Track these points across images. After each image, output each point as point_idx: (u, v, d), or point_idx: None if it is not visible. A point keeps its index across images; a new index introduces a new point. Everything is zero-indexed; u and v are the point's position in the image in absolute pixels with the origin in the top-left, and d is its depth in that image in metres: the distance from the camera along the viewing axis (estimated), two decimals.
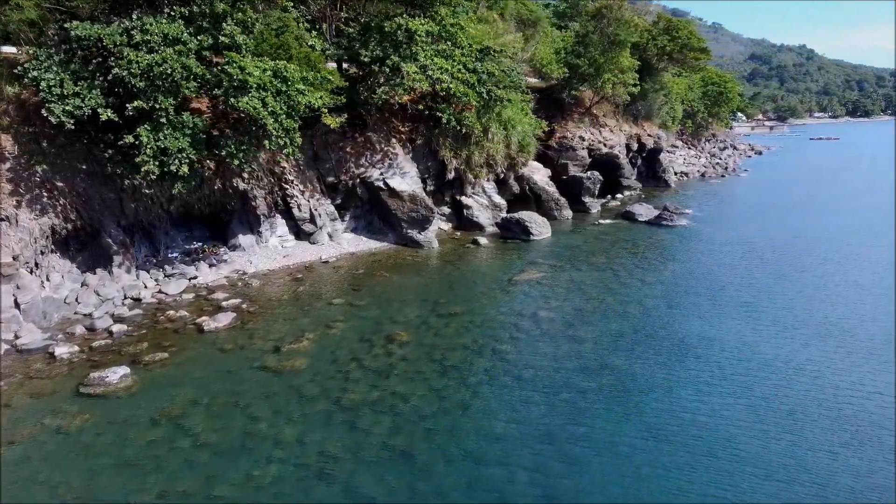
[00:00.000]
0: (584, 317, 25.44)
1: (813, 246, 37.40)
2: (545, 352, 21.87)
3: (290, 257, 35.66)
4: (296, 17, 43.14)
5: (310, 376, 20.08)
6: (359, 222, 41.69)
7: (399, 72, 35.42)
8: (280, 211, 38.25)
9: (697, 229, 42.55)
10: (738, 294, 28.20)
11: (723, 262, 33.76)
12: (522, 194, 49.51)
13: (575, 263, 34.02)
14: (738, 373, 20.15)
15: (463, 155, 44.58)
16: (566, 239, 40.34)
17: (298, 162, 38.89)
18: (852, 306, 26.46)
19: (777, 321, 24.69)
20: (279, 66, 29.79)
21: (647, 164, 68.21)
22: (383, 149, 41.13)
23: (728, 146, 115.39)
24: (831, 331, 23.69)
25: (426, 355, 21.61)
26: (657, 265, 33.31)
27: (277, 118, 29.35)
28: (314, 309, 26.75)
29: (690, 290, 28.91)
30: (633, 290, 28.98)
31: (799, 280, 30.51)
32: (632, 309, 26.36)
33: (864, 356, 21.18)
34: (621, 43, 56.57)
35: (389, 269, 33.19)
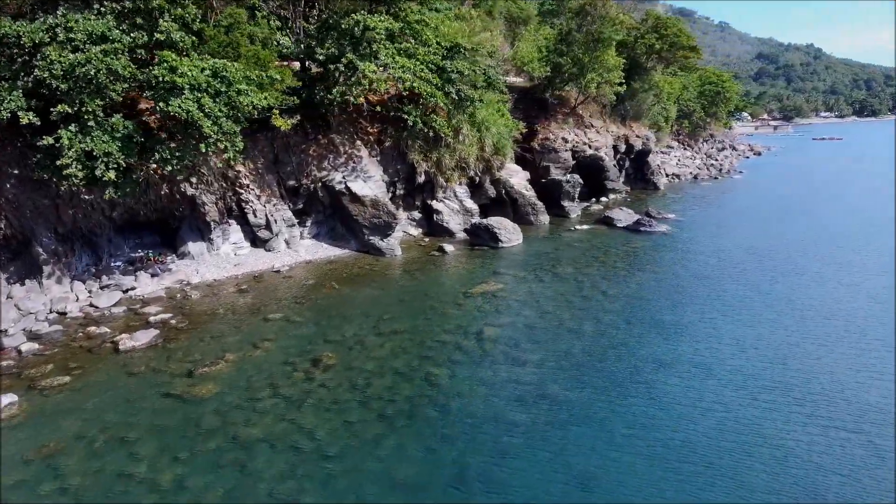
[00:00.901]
0: (534, 335, 23.52)
1: (795, 253, 35.41)
2: (480, 377, 19.96)
3: (241, 266, 33.88)
4: (265, 15, 41.53)
5: (215, 405, 18.24)
6: (321, 228, 39.88)
7: (356, 71, 33.49)
8: (235, 217, 36.48)
9: (676, 236, 40.56)
10: (703, 310, 26.24)
11: (696, 272, 31.78)
12: (499, 198, 47.58)
13: (539, 273, 32.11)
14: (683, 404, 18.19)
15: (433, 158, 42.74)
16: (537, 246, 38.40)
17: (257, 165, 37.15)
18: (818, 327, 24.39)
19: (738, 342, 22.74)
20: (218, 66, 27.95)
21: (635, 165, 66.14)
22: (347, 151, 39.32)
23: (727, 147, 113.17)
24: (790, 355, 21.67)
25: (349, 381, 19.72)
26: (625, 276, 31.34)
27: (216, 121, 27.49)
28: (247, 325, 24.93)
29: (654, 304, 26.96)
30: (594, 305, 27.05)
31: (770, 292, 28.56)
32: (587, 326, 24.44)
33: (811, 407, 19.10)
34: (606, 41, 54.52)
35: (342, 279, 31.35)
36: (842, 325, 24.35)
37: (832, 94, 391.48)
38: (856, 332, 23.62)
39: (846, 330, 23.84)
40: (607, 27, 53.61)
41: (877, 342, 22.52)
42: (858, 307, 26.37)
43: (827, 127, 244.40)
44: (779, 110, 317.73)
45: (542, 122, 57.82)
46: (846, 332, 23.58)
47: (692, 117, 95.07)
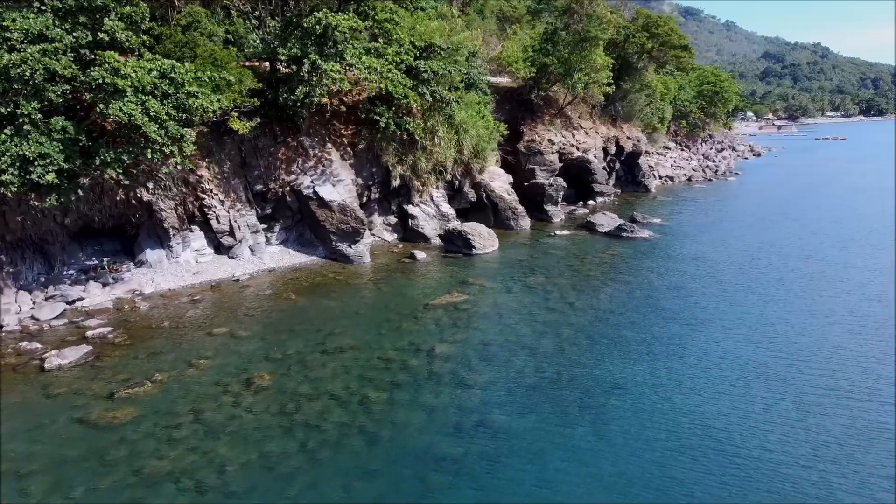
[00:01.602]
0: (488, 353, 22.13)
1: (776, 261, 33.94)
2: (421, 402, 18.59)
3: (200, 274, 32.60)
4: (241, 14, 40.31)
5: (128, 433, 16.92)
6: (289, 234, 38.55)
7: (319, 71, 32.14)
8: (198, 223, 35.19)
9: (658, 242, 39.09)
10: (671, 324, 24.84)
11: (671, 282, 30.34)
12: (479, 202, 46.18)
13: (508, 283, 30.72)
14: (630, 433, 16.79)
15: (408, 161, 41.32)
16: (513, 253, 36.98)
17: (223, 169, 35.88)
18: (788, 344, 22.92)
19: (700, 361, 21.32)
20: (166, 67, 26.63)
21: (626, 168, 64.61)
22: (317, 154, 37.99)
23: (726, 147, 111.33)
24: (754, 375, 20.25)
25: (278, 406, 18.37)
26: (596, 286, 29.92)
27: (163, 124, 26.18)
28: (188, 340, 23.63)
29: (621, 318, 25.56)
30: (558, 319, 25.64)
31: (744, 304, 27.17)
32: (545, 343, 23.04)
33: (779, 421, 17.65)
34: (593, 40, 52.89)
35: (302, 289, 30.03)
36: (814, 343, 22.86)
37: (839, 94, 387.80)
38: (827, 349, 22.12)
39: (818, 347, 22.35)
40: (594, 26, 51.99)
41: (850, 361, 21.03)
42: (834, 322, 24.87)
43: (832, 127, 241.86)
44: (784, 110, 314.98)
45: (528, 123, 56.29)
46: (817, 350, 22.12)
47: (689, 118, 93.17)
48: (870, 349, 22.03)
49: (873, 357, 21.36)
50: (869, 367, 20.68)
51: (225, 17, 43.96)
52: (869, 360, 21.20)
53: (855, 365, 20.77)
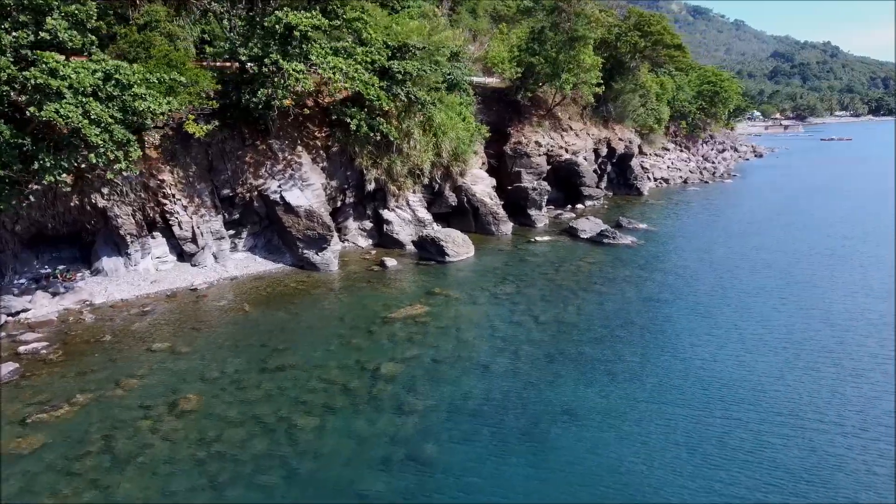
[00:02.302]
0: (437, 374, 20.77)
1: (759, 270, 32.42)
2: (353, 430, 17.23)
3: (157, 283, 31.34)
4: (217, 14, 39.05)
5: (29, 465, 15.67)
6: (257, 240, 37.27)
7: (280, 71, 30.84)
8: (161, 229, 33.97)
9: (640, 249, 37.60)
10: (637, 341, 23.47)
11: (647, 293, 28.90)
12: (460, 206, 44.75)
13: (475, 293, 29.33)
14: (574, 464, 15.48)
15: (384, 164, 39.96)
16: (488, 260, 35.57)
17: (188, 173, 34.64)
18: (759, 362, 21.43)
19: (660, 384, 19.86)
20: (110, 67, 25.34)
21: (617, 170, 63.04)
22: (286, 157, 36.67)
23: (727, 148, 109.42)
24: (715, 398, 18.79)
25: (198, 433, 17.05)
26: (567, 297, 28.52)
27: (107, 128, 24.90)
28: (125, 356, 22.37)
29: (585, 334, 24.15)
30: (518, 333, 24.25)
31: (719, 318, 25.68)
32: (500, 362, 21.64)
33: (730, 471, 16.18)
34: (581, 39, 51.39)
35: (260, 299, 28.74)
36: (785, 362, 21.37)
37: (848, 93, 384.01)
38: (798, 370, 20.63)
39: (788, 367, 20.87)
40: (581, 25, 50.48)
41: (820, 386, 19.55)
42: (809, 338, 23.37)
43: (838, 127, 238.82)
44: (792, 109, 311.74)
45: (515, 125, 54.90)
46: (787, 370, 20.63)
47: (688, 118, 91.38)
48: (843, 373, 20.48)
49: (846, 383, 19.80)
50: (839, 392, 19.16)
51: (201, 16, 42.85)
52: (841, 384, 19.66)
53: (825, 391, 19.25)
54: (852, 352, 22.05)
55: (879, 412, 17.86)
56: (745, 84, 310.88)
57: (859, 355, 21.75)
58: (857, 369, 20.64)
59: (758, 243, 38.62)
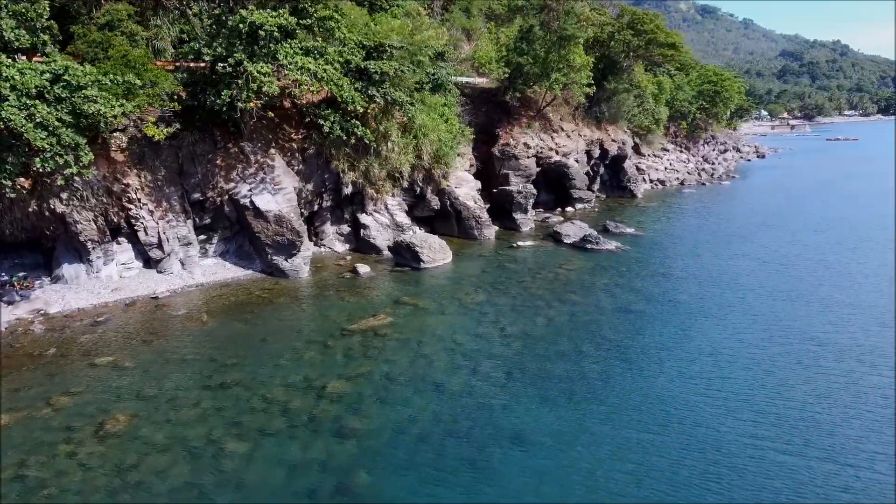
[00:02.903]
0: (386, 392, 19.65)
1: (743, 278, 31.15)
2: (283, 457, 16.19)
3: (118, 291, 30.34)
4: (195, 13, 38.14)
5: None
6: (229, 245, 36.24)
7: (244, 72, 29.75)
8: (127, 234, 32.97)
9: (623, 255, 36.32)
10: (603, 357, 22.31)
11: (621, 303, 27.68)
12: (443, 210, 43.58)
13: (444, 303, 28.19)
14: (515, 497, 14.18)
15: (361, 167, 38.82)
16: (466, 267, 34.40)
17: (156, 177, 33.64)
18: (727, 381, 20.17)
19: (620, 406, 18.65)
20: (59, 68, 24.32)
21: (610, 172, 61.67)
22: (259, 160, 35.54)
23: (729, 149, 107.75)
24: (674, 419, 17.55)
25: (119, 459, 16.04)
26: (539, 307, 27.35)
27: (54, 131, 23.88)
28: (65, 371, 21.37)
29: (551, 348, 23.02)
30: (481, 347, 23.10)
31: (691, 331, 24.42)
32: (456, 380, 20.50)
33: None
34: (570, 38, 50.08)
35: (219, 309, 27.69)
36: (760, 377, 20.13)
37: (857, 92, 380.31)
38: (769, 389, 19.36)
39: (759, 386, 19.60)
40: (570, 24, 49.17)
41: (791, 408, 18.28)
42: (787, 353, 22.06)
43: (848, 126, 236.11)
44: (800, 109, 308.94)
45: (504, 126, 53.67)
46: (758, 389, 19.35)
47: (688, 118, 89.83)
48: (815, 393, 19.20)
49: (817, 404, 18.52)
50: (809, 415, 17.88)
51: (180, 16, 41.90)
52: (811, 406, 18.38)
53: (794, 414, 17.98)
54: (828, 370, 20.74)
55: (848, 436, 16.59)
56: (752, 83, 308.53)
57: (835, 374, 20.45)
58: (829, 389, 19.35)
59: (745, 250, 37.28)
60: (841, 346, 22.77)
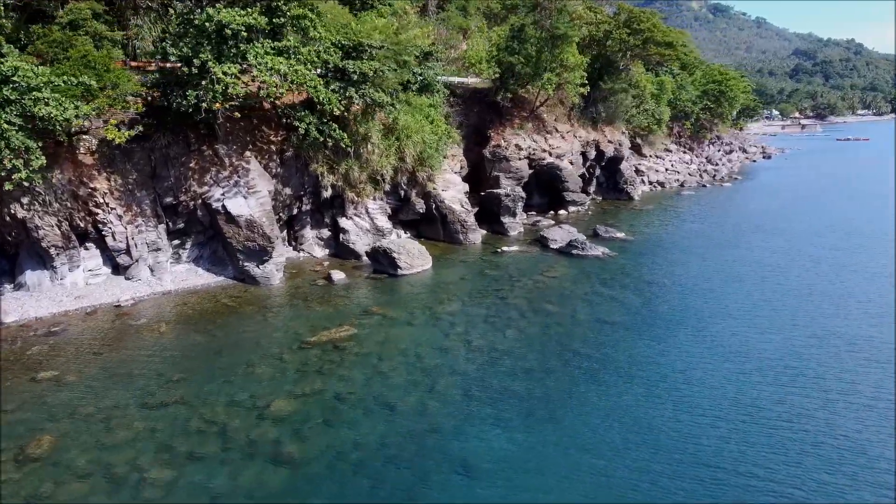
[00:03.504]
0: (333, 414, 18.59)
1: (730, 287, 29.87)
2: (209, 485, 15.18)
3: (82, 299, 29.41)
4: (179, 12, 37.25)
5: None
6: (203, 251, 35.23)
7: (209, 73, 28.73)
8: (94, 239, 32.05)
9: (610, 261, 35.05)
10: (569, 375, 21.17)
11: (598, 315, 26.49)
12: (429, 214, 42.42)
13: (415, 313, 27.07)
14: None
15: (341, 169, 37.72)
16: (445, 273, 33.23)
17: (127, 180, 32.74)
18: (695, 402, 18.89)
19: (577, 429, 17.42)
20: (8, 69, 23.36)
21: (607, 174, 60.26)
22: (233, 163, 34.51)
23: (735, 149, 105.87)
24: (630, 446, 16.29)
25: (34, 487, 15.17)
26: (512, 318, 26.25)
27: (2, 134, 22.91)
28: (4, 388, 20.28)
29: (516, 365, 21.88)
30: (444, 363, 21.99)
31: (666, 345, 23.13)
32: (410, 400, 19.43)
33: None
34: (563, 37, 48.75)
35: (181, 319, 26.74)
36: (732, 397, 18.82)
37: (871, 91, 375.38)
38: (742, 409, 18.04)
39: (729, 405, 18.26)
40: (562, 22, 47.84)
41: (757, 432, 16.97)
42: (759, 371, 20.71)
43: (860, 126, 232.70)
44: (812, 108, 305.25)
45: (496, 127, 52.39)
46: (726, 409, 18.01)
47: (691, 118, 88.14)
48: (788, 418, 17.87)
49: (788, 431, 17.20)
50: (778, 443, 16.57)
51: (160, 16, 41.08)
52: (781, 432, 17.07)
53: (761, 441, 16.67)
54: (805, 390, 19.41)
55: (815, 465, 15.28)
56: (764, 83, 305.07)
57: (812, 395, 19.12)
58: (804, 413, 18.01)
59: (737, 255, 35.89)
60: (822, 365, 21.41)
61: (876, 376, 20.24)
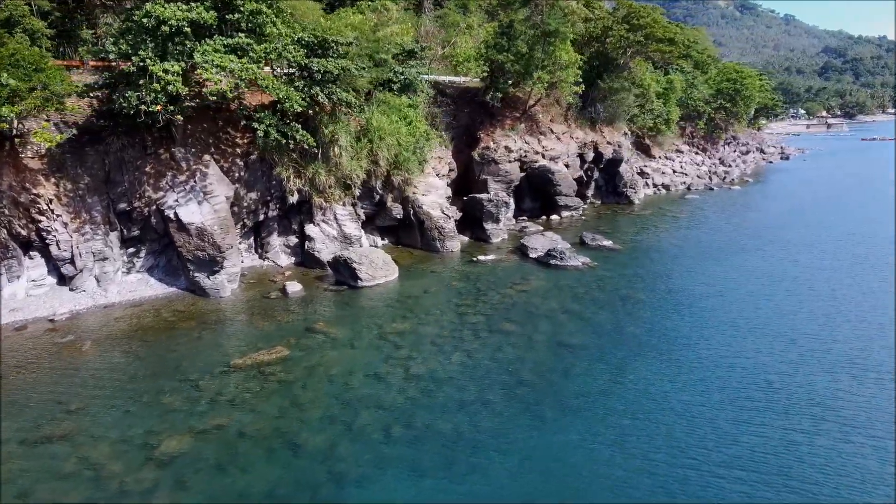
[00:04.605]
0: (230, 454, 16.58)
1: (709, 306, 27.21)
2: None
3: (16, 312, 27.79)
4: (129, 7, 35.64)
5: None
6: (159, 260, 33.50)
7: (146, 72, 26.87)
8: (40, 248, 30.41)
9: (588, 274, 32.64)
10: (505, 412, 18.83)
11: (558, 337, 24.21)
12: (406, 219, 40.30)
13: (362, 332, 24.95)
14: None
15: (308, 173, 35.74)
16: (409, 286, 31.08)
17: (78, 185, 31.12)
18: (640, 446, 16.45)
19: (497, 482, 15.05)
20: None
21: (606, 176, 57.57)
22: (191, 167, 32.69)
23: (752, 150, 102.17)
24: (562, 490, 13.98)
25: None
26: (463, 340, 24.08)
27: None
28: None
29: (454, 396, 19.70)
30: (372, 394, 19.88)
31: (625, 373, 20.67)
32: (320, 439, 17.29)
33: None
34: (556, 34, 46.30)
35: (112, 335, 25.02)
36: (680, 434, 16.34)
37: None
38: (684, 450, 15.58)
39: (675, 445, 15.80)
40: (554, 18, 45.35)
41: (692, 482, 14.54)
42: (716, 404, 18.21)
43: (888, 125, 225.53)
44: (840, 107, 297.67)
45: (486, 128, 50.15)
46: (670, 449, 15.55)
47: (703, 118, 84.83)
48: (738, 460, 15.40)
49: (730, 473, 14.73)
50: (718, 482, 14.13)
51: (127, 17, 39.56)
52: (722, 474, 14.61)
53: (694, 481, 14.24)
54: (768, 434, 16.87)
55: None
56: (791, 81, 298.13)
57: (773, 436, 16.58)
58: (768, 451, 15.51)
59: (724, 269, 33.15)
60: (789, 399, 18.86)
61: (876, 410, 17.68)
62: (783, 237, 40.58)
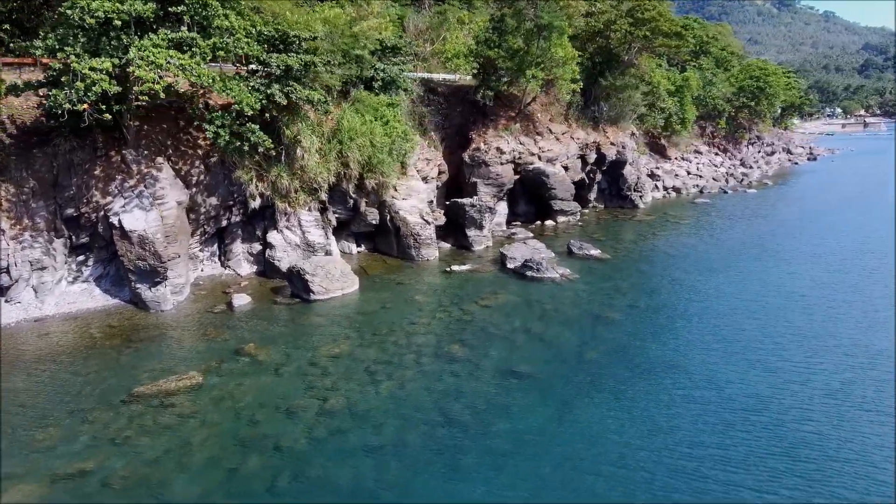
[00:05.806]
0: (115, 486, 14.03)
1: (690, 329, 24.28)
2: None
3: None
4: None
5: None
6: (108, 268, 31.55)
7: (68, 70, 24.83)
8: None
9: (564, 287, 29.83)
10: (421, 459, 16.24)
11: (511, 363, 21.51)
12: (383, 225, 37.87)
13: (292, 355, 22.64)
14: None
15: (271, 177, 33.50)
16: (367, 300, 28.64)
17: (22, 190, 29.35)
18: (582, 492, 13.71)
19: None
20: None
21: (609, 179, 54.40)
22: (142, 171, 30.68)
23: (777, 150, 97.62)
24: None
25: None
26: (401, 365, 21.52)
27: None
28: None
29: (369, 439, 17.17)
30: (277, 433, 17.46)
31: (571, 414, 17.83)
32: (193, 490, 14.77)
33: None
34: (551, 28, 43.43)
35: (26, 355, 23.26)
36: (626, 481, 13.60)
37: None
38: None
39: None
40: (548, 12, 42.46)
41: None
42: (672, 446, 15.32)
43: None
44: (879, 105, 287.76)
45: (479, 128, 47.48)
46: None
47: (723, 117, 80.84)
48: None
49: None
50: None
51: None
52: None
53: None
54: (725, 480, 13.97)
55: None
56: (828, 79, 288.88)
57: (733, 481, 13.68)
58: None
59: (717, 286, 29.86)
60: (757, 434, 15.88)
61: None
62: (788, 247, 37.11)
